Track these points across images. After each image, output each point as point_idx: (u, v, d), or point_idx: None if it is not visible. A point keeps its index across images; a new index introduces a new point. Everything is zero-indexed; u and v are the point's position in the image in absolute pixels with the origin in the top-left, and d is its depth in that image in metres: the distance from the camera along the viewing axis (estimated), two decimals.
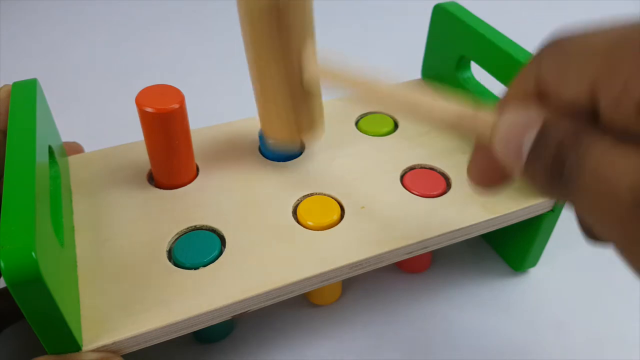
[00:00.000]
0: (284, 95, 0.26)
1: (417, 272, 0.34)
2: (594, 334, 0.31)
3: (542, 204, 0.29)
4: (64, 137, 0.31)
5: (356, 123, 0.34)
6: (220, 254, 0.26)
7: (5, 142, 0.23)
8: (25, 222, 0.19)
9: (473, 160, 0.21)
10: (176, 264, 0.25)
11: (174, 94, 0.26)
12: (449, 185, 0.29)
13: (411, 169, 0.30)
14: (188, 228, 0.27)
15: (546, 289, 0.33)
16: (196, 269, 0.25)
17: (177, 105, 0.26)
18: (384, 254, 0.26)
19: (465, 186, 0.29)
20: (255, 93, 0.28)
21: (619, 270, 0.34)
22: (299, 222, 0.27)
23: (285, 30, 0.24)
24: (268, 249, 0.26)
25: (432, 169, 0.30)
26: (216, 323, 0.24)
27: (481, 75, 0.33)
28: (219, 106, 0.43)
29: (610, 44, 0.14)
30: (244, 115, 0.34)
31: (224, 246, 0.26)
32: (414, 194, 0.29)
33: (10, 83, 0.27)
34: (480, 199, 0.28)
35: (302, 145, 0.31)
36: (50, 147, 0.26)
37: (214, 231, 0.27)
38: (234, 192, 0.29)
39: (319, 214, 0.27)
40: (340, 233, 0.27)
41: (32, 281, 0.18)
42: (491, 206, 0.28)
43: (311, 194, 0.29)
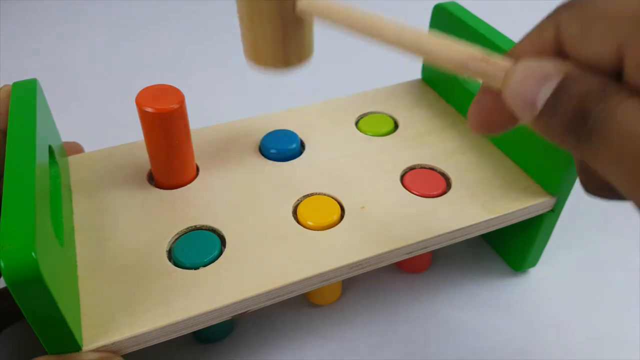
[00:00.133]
0: (274, 20, 0.24)
1: (417, 272, 0.34)
2: (594, 334, 0.31)
3: (542, 204, 0.29)
4: (64, 137, 0.31)
5: (356, 123, 0.34)
6: (220, 254, 0.26)
7: (5, 142, 0.23)
8: (25, 222, 0.19)
9: (476, 102, 0.20)
10: (176, 264, 0.25)
11: (174, 94, 0.26)
12: (449, 185, 0.29)
13: (411, 169, 0.30)
14: (188, 228, 0.27)
15: (546, 289, 0.33)
16: (196, 269, 0.25)
17: (177, 105, 0.26)
18: (384, 254, 0.26)
19: (465, 186, 0.29)
20: (240, 15, 0.25)
21: (619, 270, 0.34)
22: (299, 222, 0.27)
23: None
24: (268, 249, 0.26)
25: (432, 169, 0.30)
26: (216, 323, 0.24)
27: None
28: (219, 106, 0.43)
29: (637, 12, 0.15)
30: (244, 115, 0.34)
31: (224, 246, 0.26)
32: (414, 194, 0.29)
33: (10, 83, 0.27)
34: (481, 199, 0.28)
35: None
36: (50, 147, 0.26)
37: (214, 231, 0.27)
38: (234, 192, 0.29)
39: (319, 214, 0.27)
40: (340, 233, 0.27)
41: (32, 281, 0.18)
42: (491, 206, 0.28)
43: (311, 194, 0.29)
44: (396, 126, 0.34)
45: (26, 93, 0.26)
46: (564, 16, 0.17)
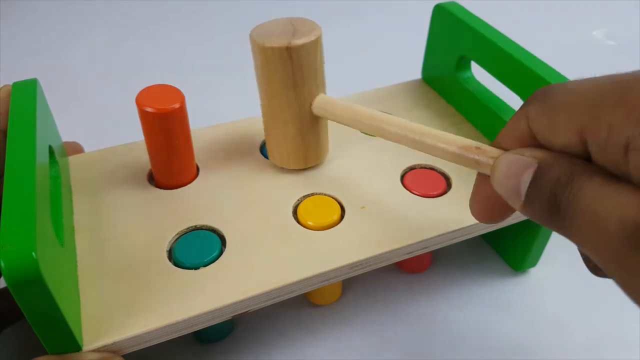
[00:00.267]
0: (293, 126, 0.28)
1: (417, 272, 0.34)
2: (594, 334, 0.31)
3: None
4: (64, 137, 0.31)
5: None
6: (220, 254, 0.26)
7: (6, 142, 0.23)
8: (25, 222, 0.19)
9: (475, 192, 0.21)
10: (176, 264, 0.25)
11: (174, 94, 0.26)
12: (449, 185, 0.29)
13: (411, 169, 0.30)
14: (188, 228, 0.27)
15: (546, 289, 0.33)
16: (196, 269, 0.25)
17: (177, 105, 0.26)
18: (384, 254, 0.26)
19: (465, 186, 0.29)
20: (264, 125, 0.29)
21: None
22: (299, 222, 0.27)
23: (297, 66, 0.25)
24: (268, 249, 0.26)
25: (432, 169, 0.30)
26: (216, 323, 0.24)
27: (481, 75, 0.33)
28: (219, 106, 0.43)
29: (593, 98, 0.16)
30: (244, 115, 0.34)
31: (224, 246, 0.26)
32: (414, 194, 0.29)
33: (10, 83, 0.27)
34: None
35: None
36: (50, 147, 0.26)
37: (214, 231, 0.27)
38: (234, 192, 0.29)
39: (319, 214, 0.27)
40: (340, 233, 0.27)
41: (33, 281, 0.18)
42: None
43: (311, 194, 0.29)
44: None
45: (26, 93, 0.26)
46: (531, 110, 0.18)
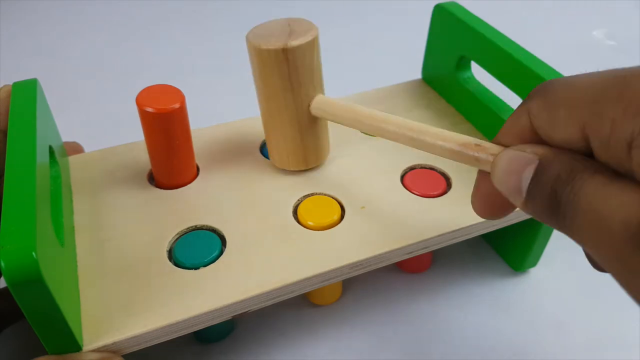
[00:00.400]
0: (292, 127, 0.27)
1: (417, 272, 0.34)
2: (594, 334, 0.31)
3: None
4: (64, 137, 0.31)
5: None
6: (221, 254, 0.26)
7: (6, 142, 0.23)
8: (25, 222, 0.19)
9: (477, 189, 0.21)
10: (176, 264, 0.25)
11: (174, 94, 0.26)
12: (449, 185, 0.29)
13: (411, 169, 0.30)
14: (188, 228, 0.27)
15: (546, 289, 0.33)
16: (196, 269, 0.25)
17: (177, 105, 0.26)
18: (384, 254, 0.26)
19: (465, 186, 0.29)
20: (264, 126, 0.29)
21: None
22: (299, 222, 0.27)
23: (293, 68, 0.25)
24: (268, 249, 0.26)
25: (432, 169, 0.30)
26: (216, 323, 0.24)
27: (481, 75, 0.33)
28: (219, 106, 0.43)
29: (594, 93, 0.16)
30: (244, 115, 0.34)
31: (224, 246, 0.26)
32: (414, 194, 0.29)
33: (10, 83, 0.27)
34: None
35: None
36: (50, 147, 0.26)
37: (214, 231, 0.27)
38: (234, 192, 0.29)
39: (319, 214, 0.27)
40: (341, 233, 0.27)
41: (33, 281, 0.18)
42: None
43: (311, 194, 0.29)
44: None
45: (26, 93, 0.26)
46: (532, 105, 0.18)
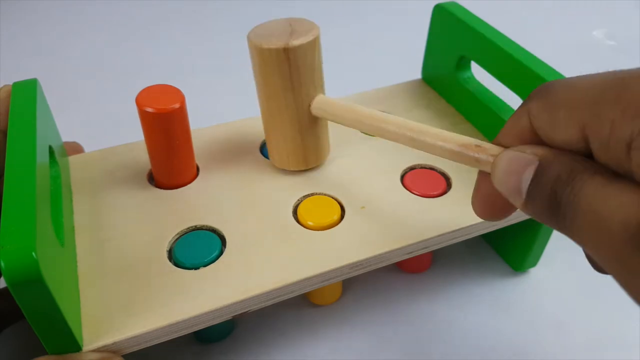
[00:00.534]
0: (292, 127, 0.27)
1: (417, 272, 0.34)
2: (594, 334, 0.31)
3: None
4: (64, 137, 0.31)
5: None
6: (221, 254, 0.26)
7: (6, 142, 0.23)
8: (25, 222, 0.19)
9: (477, 190, 0.21)
10: (176, 264, 0.25)
11: (174, 94, 0.26)
12: (449, 185, 0.29)
13: (411, 169, 0.30)
14: (188, 228, 0.27)
15: (546, 289, 0.33)
16: (196, 269, 0.25)
17: (177, 105, 0.26)
18: (384, 254, 0.26)
19: (465, 186, 0.29)
20: (264, 126, 0.29)
21: None
22: (299, 222, 0.27)
23: (294, 68, 0.25)
24: (268, 249, 0.26)
25: (432, 169, 0.30)
26: (216, 323, 0.24)
27: (481, 75, 0.33)
28: (219, 106, 0.43)
29: (594, 94, 0.16)
30: (244, 115, 0.34)
31: (224, 246, 0.26)
32: (414, 194, 0.29)
33: (10, 83, 0.27)
34: None
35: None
36: (50, 147, 0.26)
37: (214, 231, 0.27)
38: (234, 192, 0.29)
39: (319, 214, 0.27)
40: (340, 233, 0.27)
41: (33, 281, 0.18)
42: None
43: (311, 194, 0.29)
44: None
45: (26, 93, 0.26)
46: (532, 106, 0.18)
